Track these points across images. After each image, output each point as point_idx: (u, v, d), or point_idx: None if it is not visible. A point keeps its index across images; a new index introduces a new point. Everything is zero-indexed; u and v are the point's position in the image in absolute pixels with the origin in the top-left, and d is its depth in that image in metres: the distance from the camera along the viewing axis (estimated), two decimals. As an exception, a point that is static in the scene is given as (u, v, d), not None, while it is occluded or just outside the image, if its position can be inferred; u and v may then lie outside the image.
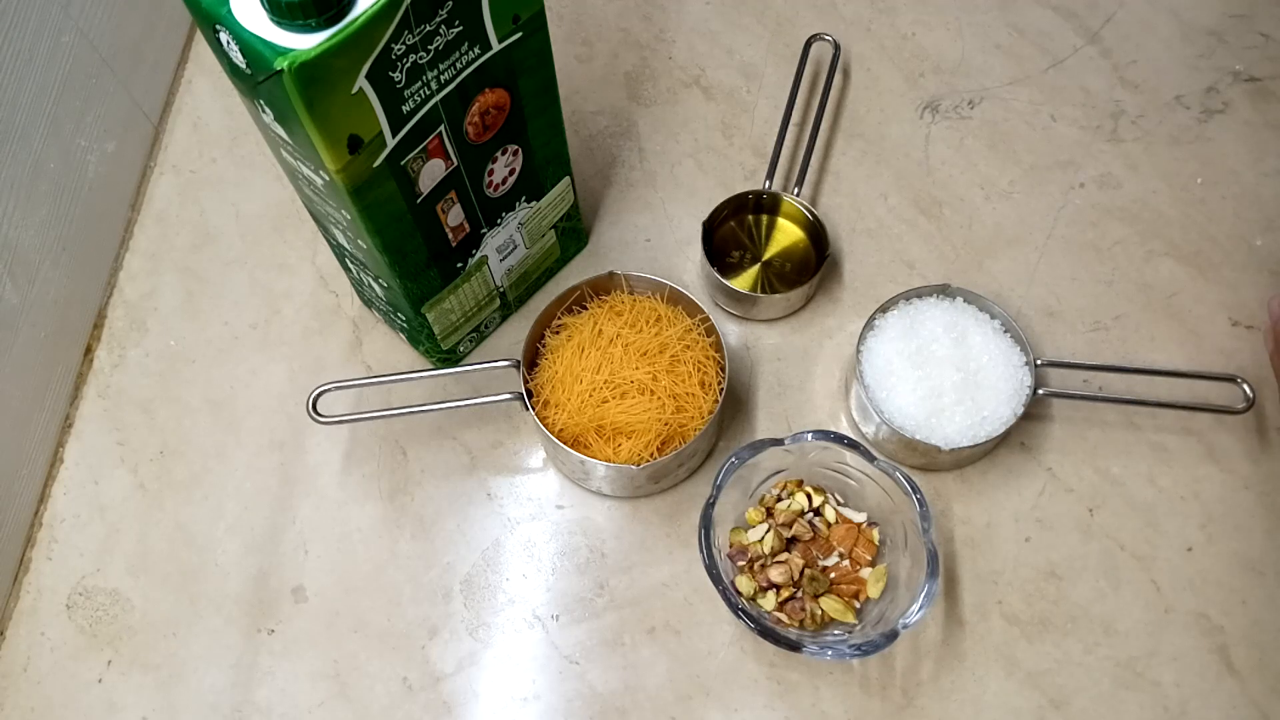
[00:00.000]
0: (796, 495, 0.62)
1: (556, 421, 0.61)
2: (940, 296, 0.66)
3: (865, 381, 0.63)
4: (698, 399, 0.62)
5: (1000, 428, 0.61)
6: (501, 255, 0.65)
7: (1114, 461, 0.66)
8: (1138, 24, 0.82)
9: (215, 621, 0.63)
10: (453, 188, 0.56)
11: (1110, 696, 0.60)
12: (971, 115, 0.79)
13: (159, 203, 0.78)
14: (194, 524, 0.66)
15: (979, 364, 0.63)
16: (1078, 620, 0.62)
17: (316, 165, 0.49)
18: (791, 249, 0.73)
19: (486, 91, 0.53)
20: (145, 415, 0.70)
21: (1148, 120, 0.78)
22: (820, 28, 0.79)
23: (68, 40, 0.67)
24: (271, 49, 0.42)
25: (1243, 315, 0.70)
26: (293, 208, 0.76)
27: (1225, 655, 0.60)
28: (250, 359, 0.71)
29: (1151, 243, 0.73)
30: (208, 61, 0.83)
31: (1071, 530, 0.64)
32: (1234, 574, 0.62)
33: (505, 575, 0.64)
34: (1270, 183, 0.75)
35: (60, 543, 0.66)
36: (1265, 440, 0.66)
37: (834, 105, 0.79)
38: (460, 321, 0.67)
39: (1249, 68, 0.80)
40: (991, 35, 0.82)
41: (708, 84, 0.81)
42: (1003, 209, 0.75)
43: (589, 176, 0.77)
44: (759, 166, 0.76)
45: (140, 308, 0.74)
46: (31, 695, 0.62)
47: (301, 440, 0.68)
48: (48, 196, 0.66)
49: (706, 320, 0.64)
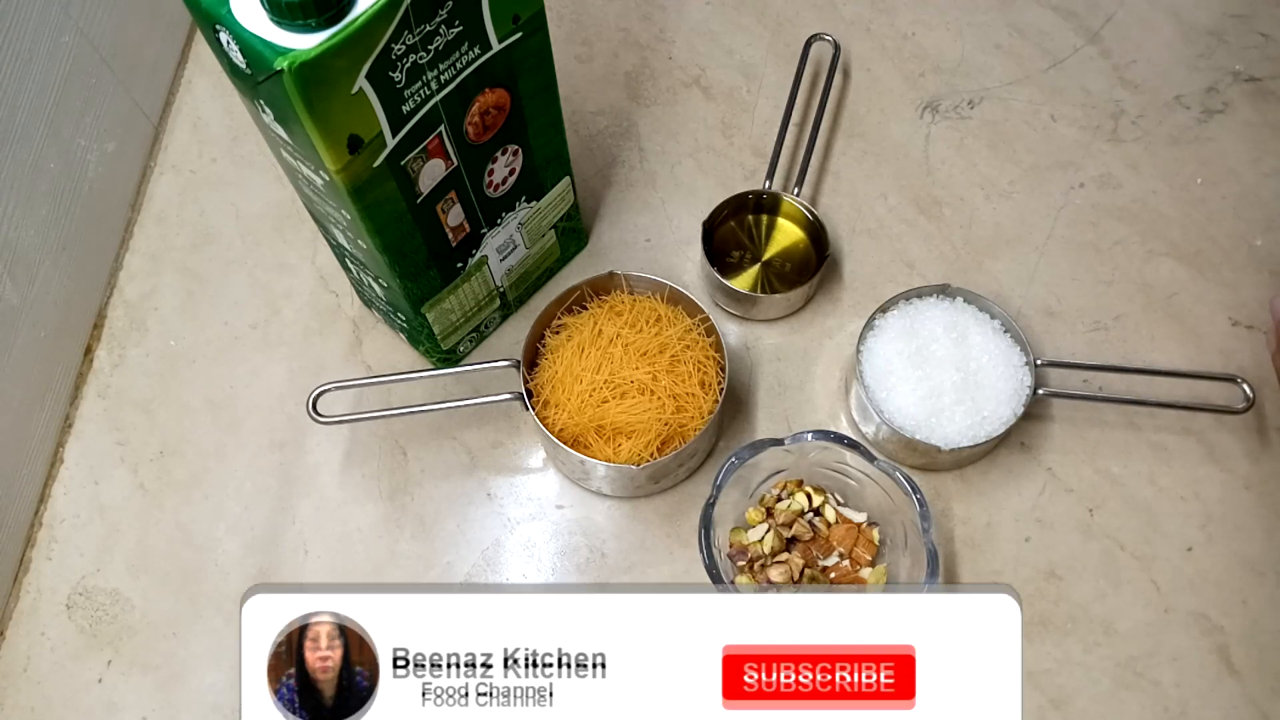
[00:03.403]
0: (796, 495, 0.62)
1: (556, 421, 0.61)
2: (940, 296, 0.66)
3: (865, 381, 0.63)
4: (698, 399, 0.62)
5: (1000, 428, 0.61)
6: (501, 255, 0.65)
7: (1114, 461, 0.66)
8: (1138, 24, 0.82)
9: (215, 621, 0.63)
10: (453, 188, 0.56)
11: (1110, 696, 0.60)
12: (971, 115, 0.79)
13: (159, 203, 0.78)
14: (194, 524, 0.66)
15: (979, 364, 0.63)
16: (1078, 620, 0.62)
17: (316, 165, 0.49)
18: (791, 249, 0.73)
19: (486, 91, 0.53)
20: (145, 415, 0.70)
21: (1148, 120, 0.78)
22: (820, 28, 0.79)
23: (68, 40, 0.67)
24: (271, 49, 0.42)
25: (1243, 315, 0.70)
26: (293, 208, 0.76)
27: (1225, 655, 0.60)
28: (250, 359, 0.71)
29: (1151, 243, 0.73)
30: (208, 61, 0.83)
31: (1071, 530, 0.64)
32: (1234, 574, 0.62)
33: (505, 575, 0.64)
34: (1270, 183, 0.75)
35: (60, 543, 0.66)
36: (1265, 440, 0.66)
37: (834, 105, 0.79)
38: (460, 321, 0.67)
39: (1249, 68, 0.80)
40: (991, 35, 0.82)
41: (708, 84, 0.81)
42: (1003, 209, 0.75)
43: (589, 176, 0.77)
44: (759, 166, 0.76)
45: (140, 308, 0.74)
46: (31, 695, 0.62)
47: (301, 440, 0.68)
48: (48, 196, 0.66)
49: (706, 320, 0.64)
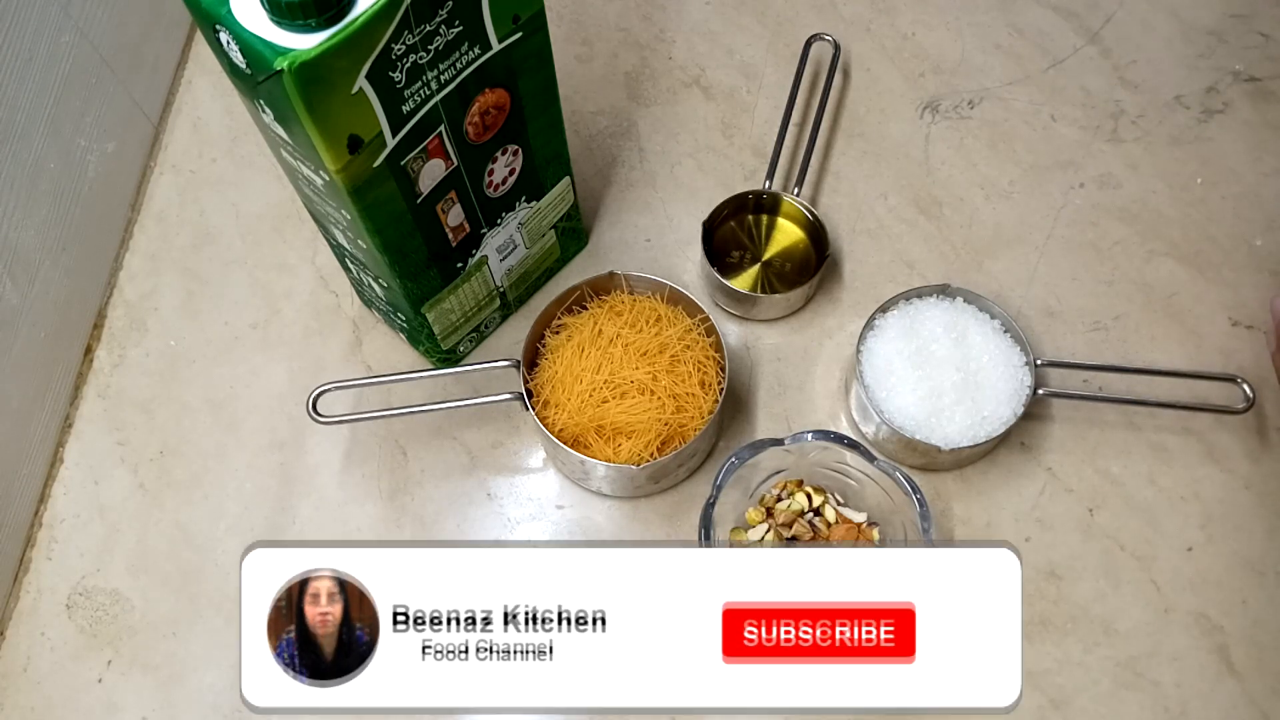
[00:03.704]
0: (796, 495, 0.62)
1: (556, 421, 0.61)
2: (940, 296, 0.66)
3: (865, 381, 0.63)
4: (698, 399, 0.62)
5: (1000, 428, 0.61)
6: (501, 255, 0.65)
7: (1114, 461, 0.66)
8: (1138, 24, 0.82)
9: (215, 621, 0.63)
10: (453, 188, 0.56)
11: (1110, 696, 0.60)
12: (971, 115, 0.79)
13: (159, 203, 0.78)
14: (194, 524, 0.66)
15: (979, 364, 0.63)
16: (1078, 620, 0.62)
17: (316, 165, 0.49)
18: (791, 249, 0.73)
19: (486, 91, 0.53)
20: (145, 415, 0.70)
21: (1148, 120, 0.78)
22: (820, 28, 0.79)
23: (68, 40, 0.67)
24: (271, 49, 0.42)
25: (1243, 315, 0.70)
26: (293, 208, 0.76)
27: (1225, 655, 0.60)
28: (250, 359, 0.71)
29: (1151, 243, 0.73)
30: (208, 61, 0.83)
31: (1071, 530, 0.64)
32: (1234, 574, 0.62)
33: (505, 575, 0.64)
34: (1270, 183, 0.75)
35: (60, 543, 0.66)
36: (1265, 440, 0.66)
37: (834, 105, 0.79)
38: (460, 321, 0.67)
39: (1249, 68, 0.80)
40: (991, 35, 0.82)
41: (708, 84, 0.81)
42: (1003, 209, 0.75)
43: (589, 176, 0.77)
44: (759, 166, 0.76)
45: (140, 308, 0.74)
46: (31, 695, 0.62)
47: (301, 440, 0.68)
48: (48, 196, 0.66)
49: (706, 320, 0.64)
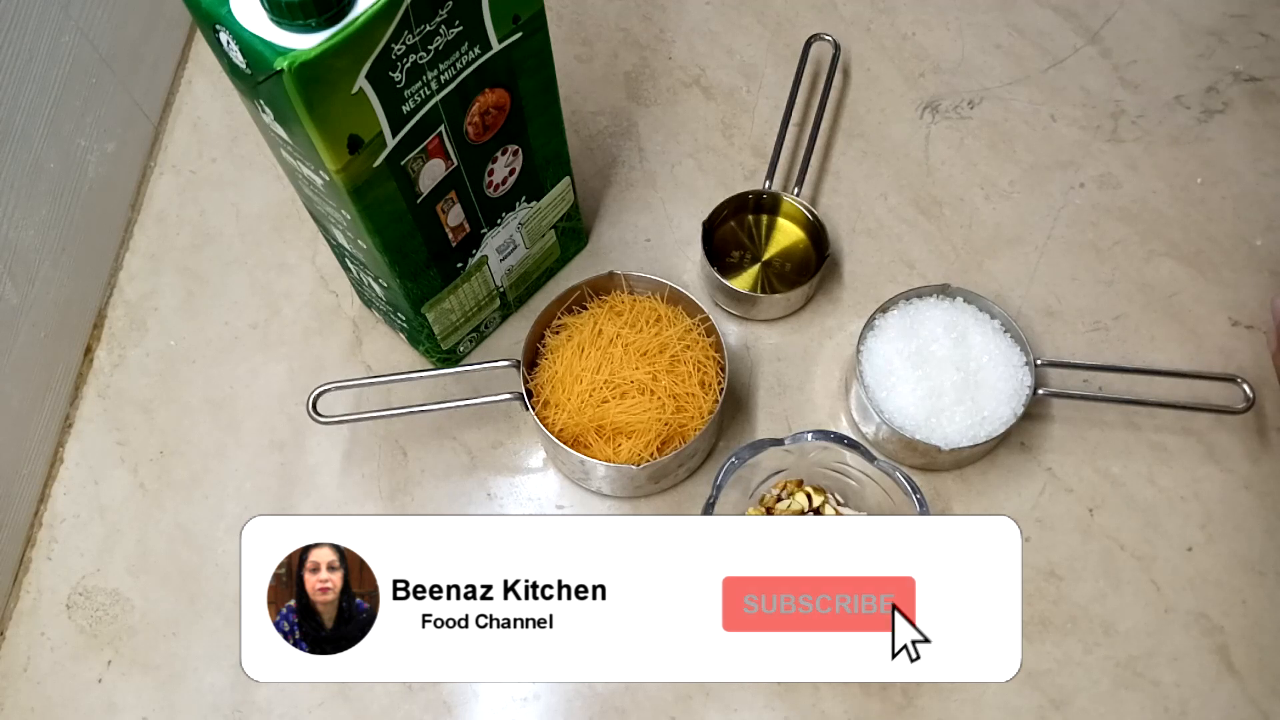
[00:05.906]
0: (796, 495, 0.62)
1: (556, 421, 0.61)
2: (940, 296, 0.66)
3: (865, 381, 0.63)
4: (698, 399, 0.62)
5: (1000, 428, 0.61)
6: (501, 255, 0.65)
7: (1114, 461, 0.66)
8: (1138, 24, 0.82)
9: (215, 621, 0.63)
10: (453, 188, 0.56)
11: (1110, 696, 0.60)
12: (971, 115, 0.79)
13: (159, 203, 0.78)
14: (194, 524, 0.66)
15: (979, 364, 0.63)
16: (1078, 620, 0.62)
17: (316, 165, 0.49)
18: (791, 249, 0.73)
19: (486, 91, 0.53)
20: (145, 415, 0.70)
21: (1148, 120, 0.78)
22: (820, 28, 0.79)
23: (68, 40, 0.67)
24: (271, 49, 0.42)
25: (1243, 315, 0.70)
26: (293, 208, 0.76)
27: (1225, 655, 0.60)
28: (250, 359, 0.71)
29: (1151, 243, 0.73)
30: (208, 61, 0.83)
31: (1071, 530, 0.64)
32: (1234, 574, 0.62)
33: (505, 575, 0.64)
34: (1270, 183, 0.75)
35: (60, 543, 0.66)
36: (1265, 440, 0.66)
37: (834, 105, 0.79)
38: (460, 321, 0.67)
39: (1249, 68, 0.80)
40: (991, 35, 0.82)
41: (708, 84, 0.81)
42: (1003, 209, 0.75)
43: (589, 176, 0.77)
44: (759, 166, 0.76)
45: (140, 308, 0.74)
46: (31, 695, 0.62)
47: (301, 440, 0.68)
48: (48, 196, 0.66)
49: (706, 320, 0.64)
